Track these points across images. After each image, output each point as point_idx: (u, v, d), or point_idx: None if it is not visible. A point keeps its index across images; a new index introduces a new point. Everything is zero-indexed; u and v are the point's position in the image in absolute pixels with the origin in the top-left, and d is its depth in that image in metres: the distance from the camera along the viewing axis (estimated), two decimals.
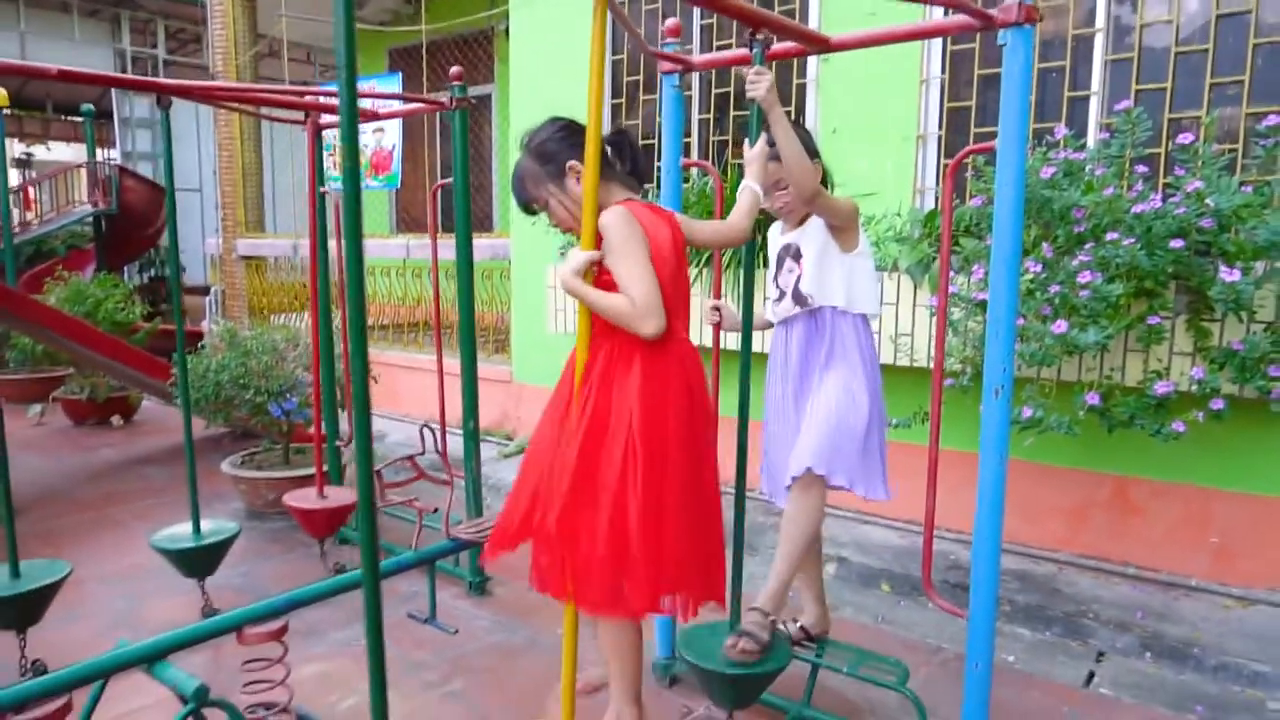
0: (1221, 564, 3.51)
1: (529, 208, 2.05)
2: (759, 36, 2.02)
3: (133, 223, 10.10)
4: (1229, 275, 2.60)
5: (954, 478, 2.92)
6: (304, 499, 3.43)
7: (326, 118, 3.51)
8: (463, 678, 2.90)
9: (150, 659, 2.22)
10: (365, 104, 3.97)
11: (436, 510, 3.10)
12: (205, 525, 3.18)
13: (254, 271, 8.83)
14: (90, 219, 9.99)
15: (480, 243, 6.38)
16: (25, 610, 2.74)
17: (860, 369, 2.44)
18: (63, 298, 6.28)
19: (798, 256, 2.48)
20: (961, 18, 2.03)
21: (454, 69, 3.21)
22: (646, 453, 1.82)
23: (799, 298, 2.46)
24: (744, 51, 2.20)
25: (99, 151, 10.84)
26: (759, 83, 2.02)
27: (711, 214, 3.32)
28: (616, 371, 1.89)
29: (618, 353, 1.90)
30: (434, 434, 3.21)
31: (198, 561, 3.15)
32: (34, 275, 8.56)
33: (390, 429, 6.21)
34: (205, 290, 11.26)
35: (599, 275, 1.86)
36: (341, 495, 3.48)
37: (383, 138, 6.54)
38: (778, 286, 2.54)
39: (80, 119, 11.81)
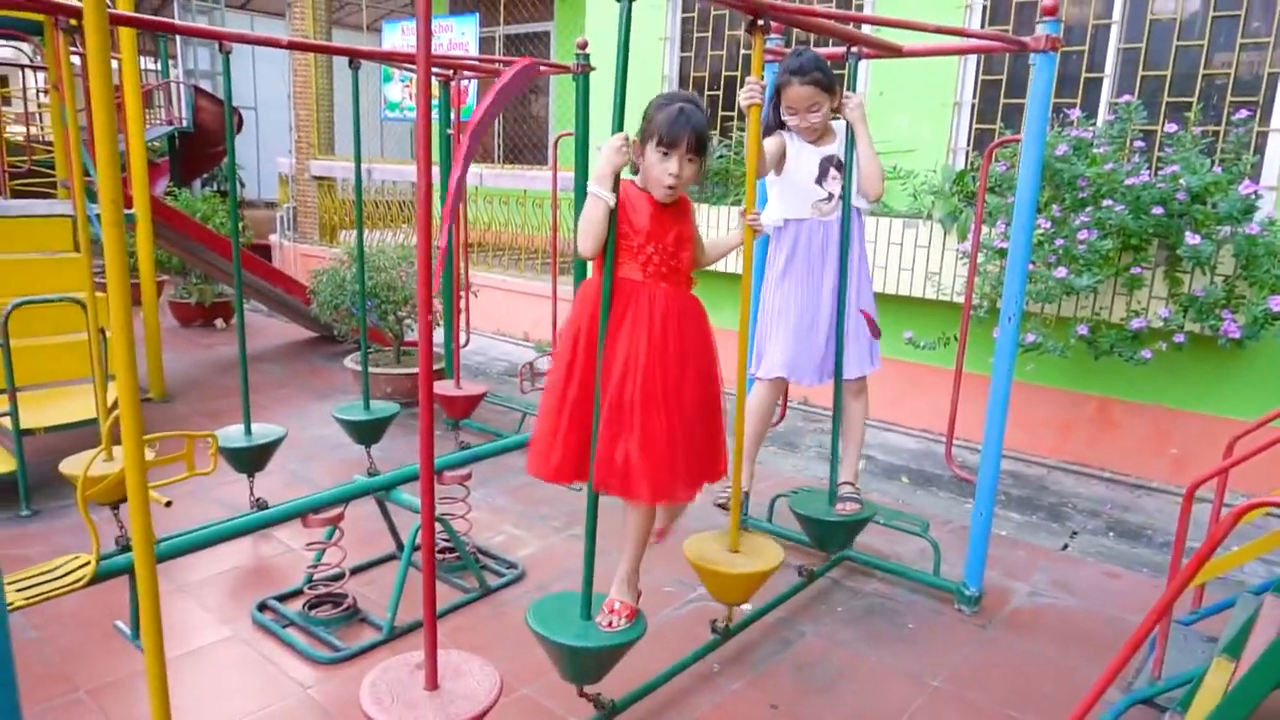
0: (1178, 470, 4.36)
1: (698, 154, 2.15)
2: (853, 50, 2.75)
3: (205, 140, 10.73)
4: (1192, 239, 3.38)
5: (964, 394, 3.73)
6: (445, 388, 4.26)
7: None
8: (579, 525, 3.78)
9: (385, 488, 3.08)
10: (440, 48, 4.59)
11: None
12: (374, 404, 4.02)
13: (325, 191, 9.54)
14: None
15: (543, 174, 7.08)
16: (255, 459, 3.60)
17: (866, 265, 3.14)
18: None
19: (840, 166, 2.97)
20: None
21: (579, 38, 3.90)
22: (644, 382, 2.11)
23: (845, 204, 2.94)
24: (838, 50, 2.95)
25: (171, 70, 11.39)
26: (850, 102, 2.82)
27: None
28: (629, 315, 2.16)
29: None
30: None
31: (367, 431, 3.99)
32: None
33: (484, 345, 7.03)
34: (268, 205, 11.97)
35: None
36: (474, 387, 4.31)
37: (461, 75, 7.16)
38: (825, 189, 3.00)
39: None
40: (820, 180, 3.01)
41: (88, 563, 2.35)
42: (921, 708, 2.59)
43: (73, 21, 2.90)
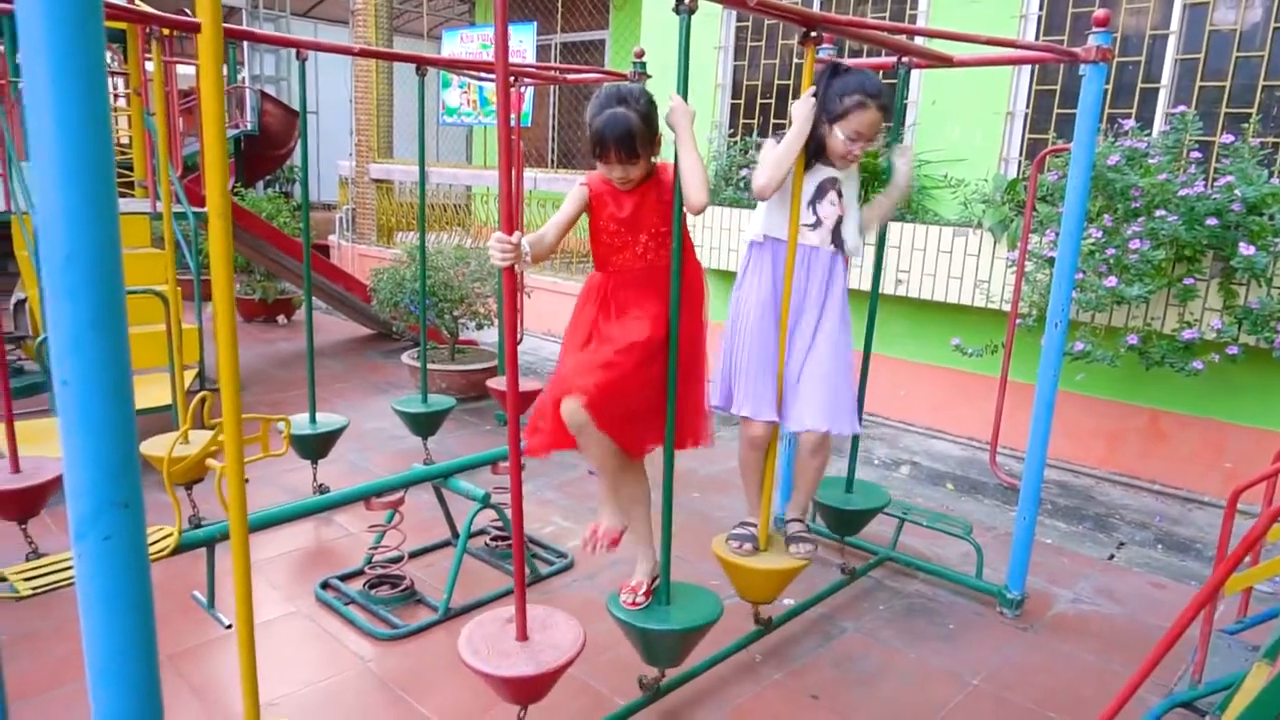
0: (1231, 484, 4.30)
1: (628, 158, 2.18)
2: (904, 60, 2.82)
3: (269, 143, 11.11)
4: (1246, 250, 3.37)
5: (1011, 403, 3.75)
6: (502, 384, 4.40)
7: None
8: None
9: (443, 475, 3.22)
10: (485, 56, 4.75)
11: None
12: (430, 398, 4.17)
13: (383, 194, 9.82)
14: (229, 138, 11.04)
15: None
16: (320, 447, 3.78)
17: (845, 312, 2.64)
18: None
19: (840, 194, 2.60)
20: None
21: (636, 47, 4.02)
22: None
23: (837, 237, 2.60)
24: (889, 60, 3.02)
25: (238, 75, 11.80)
26: (905, 156, 2.76)
27: None
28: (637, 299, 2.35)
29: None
30: None
31: (424, 423, 4.14)
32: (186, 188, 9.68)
33: (535, 345, 7.20)
34: (327, 207, 12.33)
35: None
36: (528, 384, 4.44)
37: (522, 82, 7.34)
38: (815, 213, 2.58)
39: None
40: (814, 203, 2.59)
41: (170, 534, 2.51)
42: (960, 705, 2.64)
43: (165, 31, 3.09)
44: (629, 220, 2.26)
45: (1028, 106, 4.80)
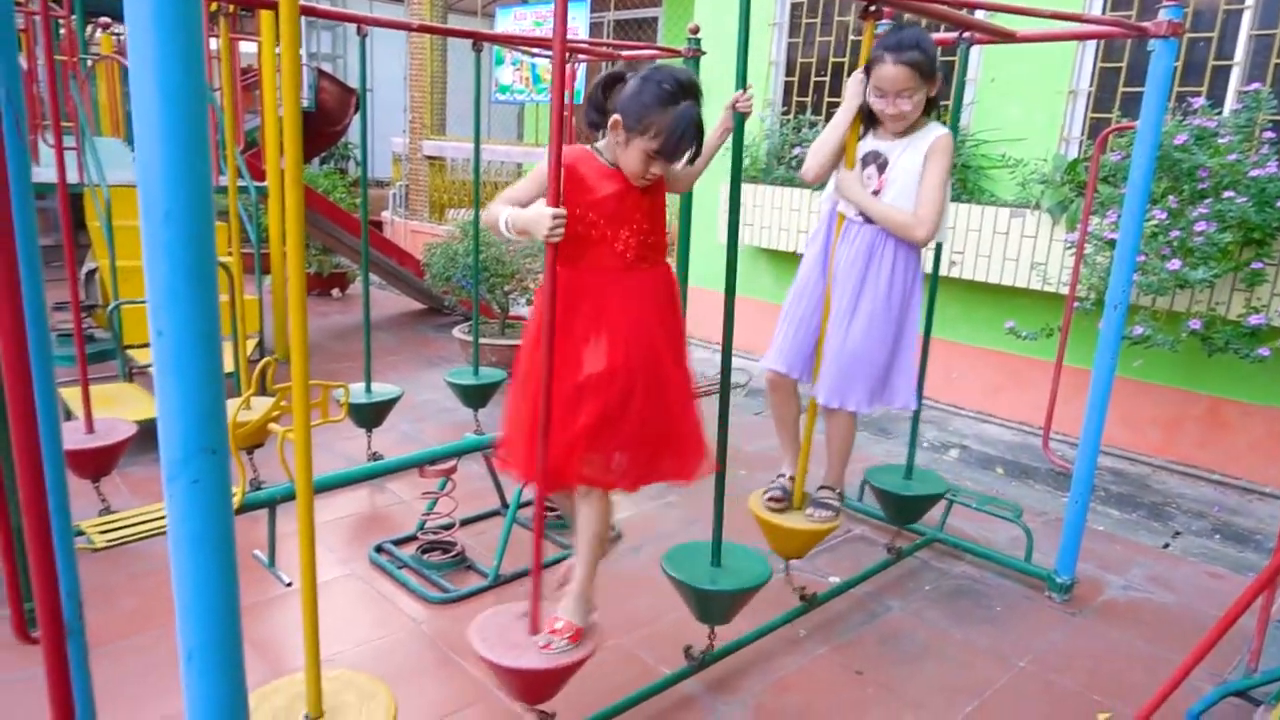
0: None
1: (695, 157, 2.04)
2: (964, 35, 2.77)
3: (325, 120, 11.28)
4: None
5: (1065, 388, 3.68)
6: None
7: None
8: (675, 494, 3.92)
9: (493, 446, 3.28)
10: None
11: None
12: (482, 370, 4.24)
13: (436, 170, 9.94)
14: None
15: None
16: (375, 415, 3.87)
17: (893, 294, 2.51)
18: None
19: (882, 167, 2.50)
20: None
21: (691, 24, 4.01)
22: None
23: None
24: (949, 35, 2.97)
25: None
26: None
27: None
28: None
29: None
30: None
31: (476, 395, 4.21)
32: (247, 163, 9.90)
33: None
34: (380, 184, 12.51)
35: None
36: None
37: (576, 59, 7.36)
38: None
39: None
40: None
41: (235, 494, 2.61)
42: (1005, 686, 2.63)
43: (231, 9, 3.17)
44: (611, 211, 1.92)
45: (1091, 84, 4.67)
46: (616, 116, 1.88)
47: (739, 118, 2.20)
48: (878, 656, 2.75)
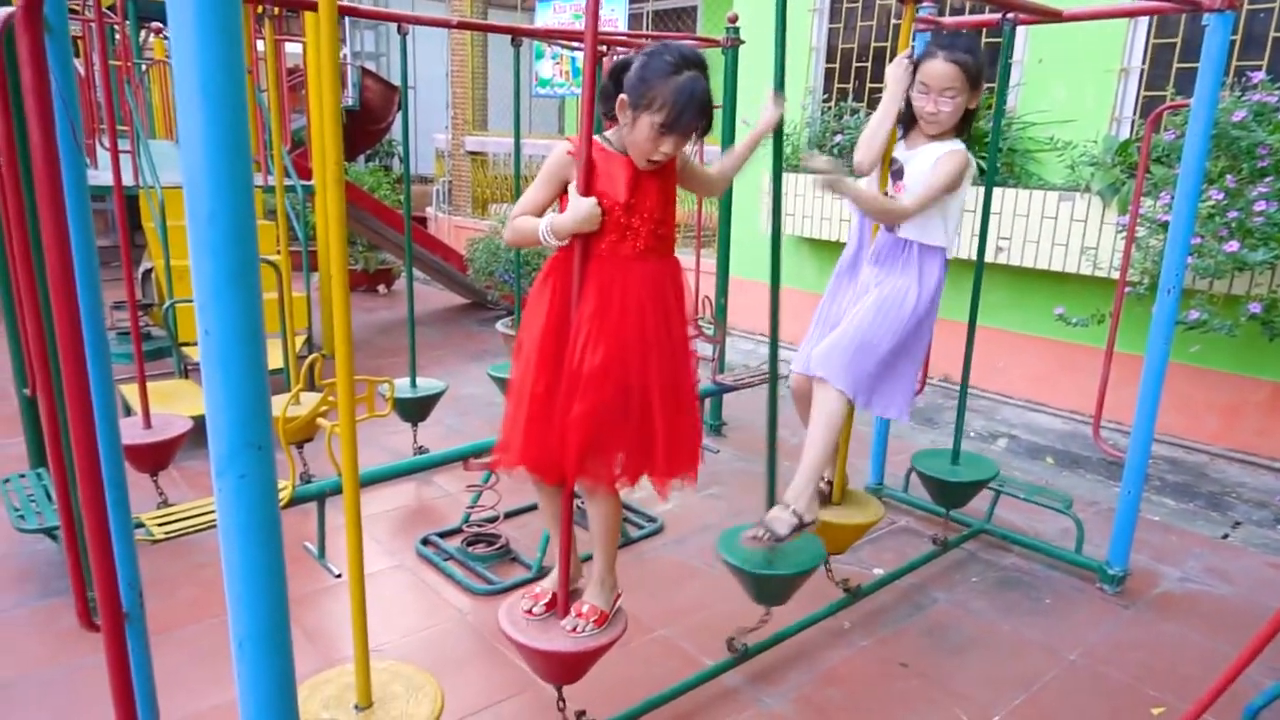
0: None
1: (705, 133, 1.93)
2: (1009, 16, 2.71)
3: (369, 118, 11.45)
4: None
5: (1117, 375, 3.59)
6: None
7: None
8: (718, 486, 3.92)
9: None
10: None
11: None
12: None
13: (478, 166, 10.02)
14: None
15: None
16: (420, 409, 3.93)
17: (908, 294, 2.47)
18: None
19: (899, 175, 2.50)
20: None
21: (730, 13, 3.98)
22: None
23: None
24: (992, 17, 2.91)
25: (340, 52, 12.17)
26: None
27: None
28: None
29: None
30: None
31: None
32: (294, 162, 10.10)
33: None
34: (423, 180, 12.66)
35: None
36: None
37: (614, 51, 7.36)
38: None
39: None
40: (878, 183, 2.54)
41: (285, 488, 2.68)
42: (1055, 679, 2.59)
43: (276, 11, 3.23)
44: (625, 200, 1.85)
45: (1144, 62, 4.54)
46: (623, 96, 1.83)
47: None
48: (923, 649, 2.72)
